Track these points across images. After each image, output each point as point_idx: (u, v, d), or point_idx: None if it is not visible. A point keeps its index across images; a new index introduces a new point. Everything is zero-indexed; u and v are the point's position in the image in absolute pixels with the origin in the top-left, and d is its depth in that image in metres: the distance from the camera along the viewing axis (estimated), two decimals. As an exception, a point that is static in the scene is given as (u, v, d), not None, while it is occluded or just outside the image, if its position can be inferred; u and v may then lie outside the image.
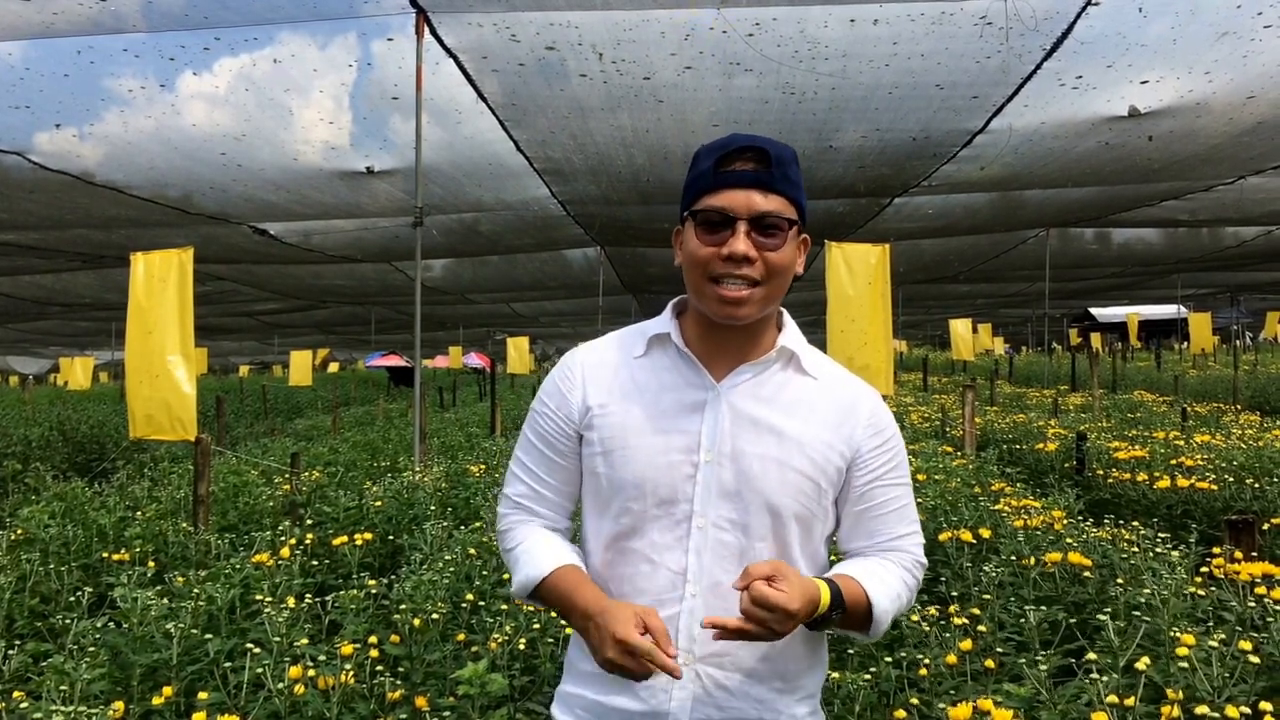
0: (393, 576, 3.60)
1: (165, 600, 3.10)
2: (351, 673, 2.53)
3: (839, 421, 1.53)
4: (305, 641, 2.74)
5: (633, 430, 1.51)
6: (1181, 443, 7.10)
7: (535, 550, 1.55)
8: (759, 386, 1.53)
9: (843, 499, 1.56)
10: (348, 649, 2.59)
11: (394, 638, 2.88)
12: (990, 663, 2.61)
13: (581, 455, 1.57)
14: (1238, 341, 29.81)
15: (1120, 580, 3.14)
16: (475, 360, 30.59)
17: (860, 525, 1.56)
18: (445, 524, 4.32)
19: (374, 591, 3.22)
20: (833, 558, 1.61)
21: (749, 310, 1.48)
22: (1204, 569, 3.11)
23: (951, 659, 2.62)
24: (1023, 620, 2.90)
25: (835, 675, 2.54)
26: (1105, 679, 2.22)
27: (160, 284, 5.57)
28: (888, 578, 1.52)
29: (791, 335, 1.57)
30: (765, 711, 1.49)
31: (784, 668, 1.50)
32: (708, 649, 1.46)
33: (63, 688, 2.48)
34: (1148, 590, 2.81)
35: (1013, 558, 3.50)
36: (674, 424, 1.51)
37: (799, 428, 1.51)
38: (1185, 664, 2.32)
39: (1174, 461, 6.10)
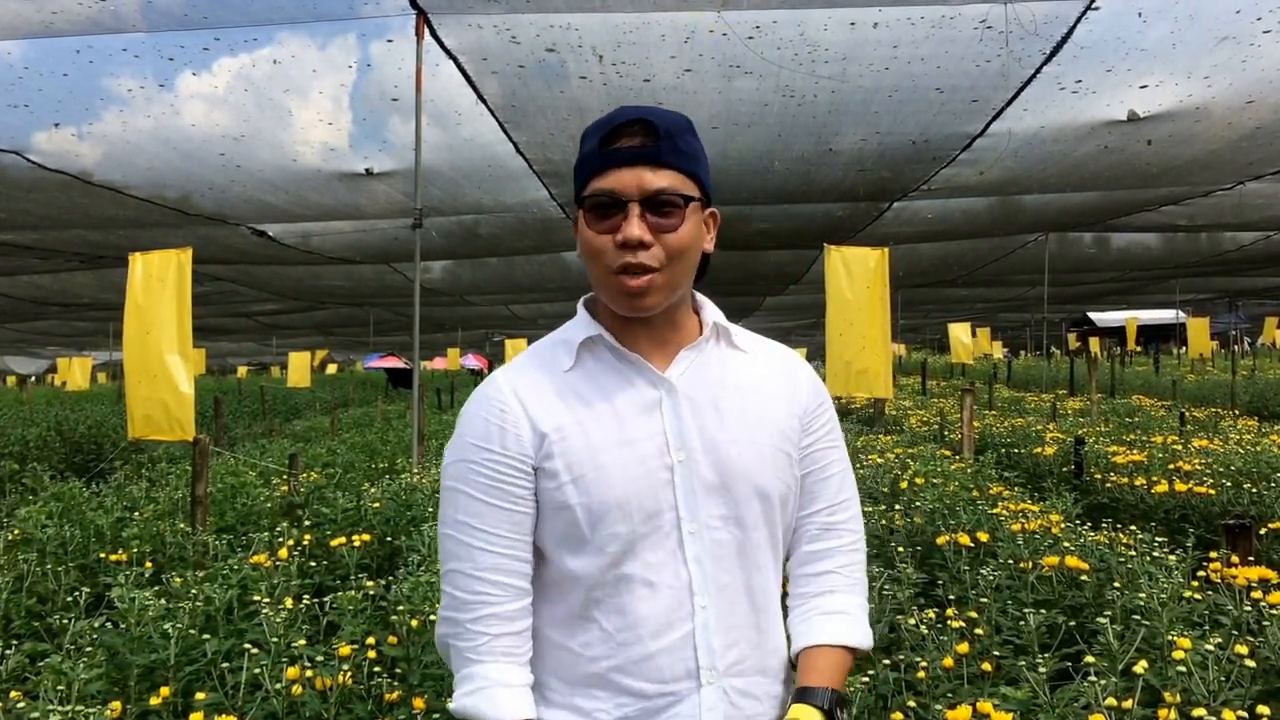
0: (391, 578, 3.59)
1: (163, 601, 3.09)
2: (349, 673, 2.53)
3: (789, 389, 1.49)
4: (303, 642, 2.74)
5: (598, 448, 1.37)
6: (1179, 447, 7.11)
7: (497, 694, 1.35)
8: (703, 370, 1.45)
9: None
10: (345, 650, 2.58)
11: (392, 639, 2.87)
12: (987, 665, 2.62)
13: (540, 492, 1.39)
14: (1236, 346, 29.86)
15: (1118, 584, 3.15)
16: (473, 362, 30.61)
17: (806, 490, 1.50)
18: (443, 525, 4.31)
19: (372, 593, 3.22)
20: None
21: (654, 299, 1.37)
22: (1201, 573, 3.12)
23: (949, 662, 2.62)
24: (1021, 623, 2.90)
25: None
26: (1103, 682, 2.22)
27: (158, 284, 5.57)
28: (846, 602, 1.49)
29: (714, 312, 1.50)
30: (786, 711, 1.41)
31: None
32: (726, 659, 1.39)
33: (60, 688, 2.48)
34: (1145, 594, 2.81)
35: (1010, 561, 3.50)
36: (636, 429, 1.38)
37: (760, 403, 1.45)
38: (1182, 668, 2.32)
39: (1172, 466, 6.10)
